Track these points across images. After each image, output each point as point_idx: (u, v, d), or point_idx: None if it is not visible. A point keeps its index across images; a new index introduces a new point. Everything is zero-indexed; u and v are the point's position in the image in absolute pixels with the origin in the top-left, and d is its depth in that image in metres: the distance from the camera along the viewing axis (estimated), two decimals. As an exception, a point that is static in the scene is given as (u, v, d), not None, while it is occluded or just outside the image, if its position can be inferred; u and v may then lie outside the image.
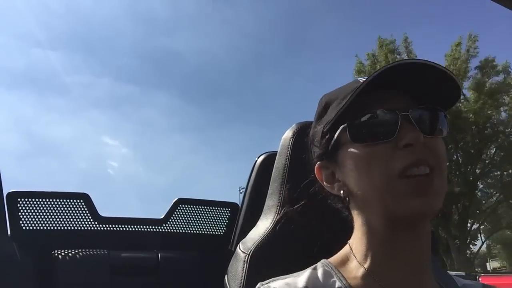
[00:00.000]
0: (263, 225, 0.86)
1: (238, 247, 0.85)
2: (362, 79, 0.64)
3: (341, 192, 0.65)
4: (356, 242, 0.65)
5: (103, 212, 1.55)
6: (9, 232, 1.40)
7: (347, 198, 0.65)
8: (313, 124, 0.72)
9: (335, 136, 0.64)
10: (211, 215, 1.71)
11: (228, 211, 1.71)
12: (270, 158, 1.07)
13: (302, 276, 0.63)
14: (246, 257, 0.80)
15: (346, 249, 0.67)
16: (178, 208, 1.66)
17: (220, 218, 1.71)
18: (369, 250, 0.63)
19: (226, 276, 0.85)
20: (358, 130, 0.62)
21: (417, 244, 0.62)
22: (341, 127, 0.63)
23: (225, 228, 1.70)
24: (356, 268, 0.63)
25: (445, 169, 0.61)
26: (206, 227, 1.70)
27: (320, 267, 0.65)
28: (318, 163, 0.69)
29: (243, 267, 0.80)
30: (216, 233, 1.70)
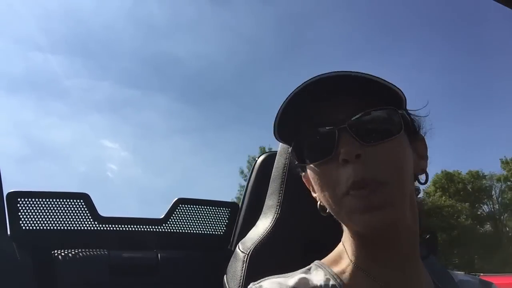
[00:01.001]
0: (263, 225, 0.86)
1: (237, 247, 0.85)
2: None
3: (319, 202, 0.66)
4: (346, 242, 0.66)
5: (103, 214, 1.55)
6: (9, 232, 1.40)
7: (323, 210, 0.65)
8: None
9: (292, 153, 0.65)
10: (211, 215, 1.71)
11: (228, 211, 1.71)
12: (270, 158, 1.07)
13: (294, 277, 0.63)
14: (246, 257, 0.81)
15: (339, 247, 0.68)
16: (178, 208, 1.66)
17: (220, 218, 1.71)
18: (357, 250, 0.64)
19: (225, 276, 0.85)
20: (301, 151, 0.62)
21: (396, 249, 0.62)
22: (289, 150, 0.65)
23: (224, 228, 1.70)
24: (348, 265, 0.64)
25: (399, 177, 0.58)
26: (206, 227, 1.70)
27: (313, 267, 0.66)
28: (302, 174, 0.70)
29: (242, 267, 0.80)
30: (216, 233, 1.70)
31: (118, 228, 1.58)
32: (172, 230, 1.65)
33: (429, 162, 0.67)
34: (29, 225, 1.44)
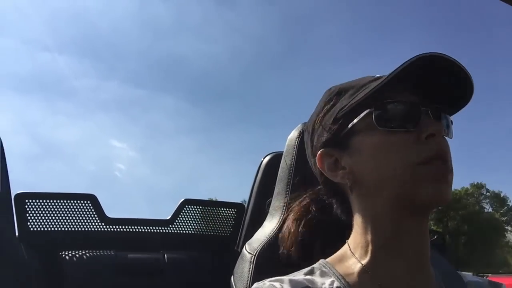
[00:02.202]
0: (269, 226, 0.86)
1: (244, 248, 0.85)
2: (378, 76, 0.65)
3: (347, 180, 0.64)
4: (356, 239, 0.64)
5: (110, 213, 1.56)
6: (17, 233, 1.41)
7: (350, 188, 0.64)
8: (318, 111, 0.70)
9: (355, 121, 0.63)
10: (217, 216, 1.71)
11: (234, 212, 1.71)
12: (276, 158, 1.07)
13: (297, 276, 0.63)
14: (252, 258, 0.80)
15: (344, 248, 0.66)
16: (185, 209, 1.67)
17: (226, 219, 1.72)
18: (370, 245, 0.62)
19: (232, 277, 0.85)
20: (383, 116, 0.62)
21: (419, 238, 0.61)
22: (365, 112, 0.62)
23: (231, 229, 1.70)
24: (354, 265, 0.63)
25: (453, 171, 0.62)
26: (212, 228, 1.70)
27: (317, 267, 0.65)
28: (321, 150, 0.67)
29: (249, 268, 0.79)
30: (222, 233, 1.70)
31: (124, 229, 1.59)
32: (178, 231, 1.65)
33: None
34: (37, 226, 1.45)
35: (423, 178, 0.58)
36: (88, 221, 1.52)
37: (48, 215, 1.46)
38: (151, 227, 1.62)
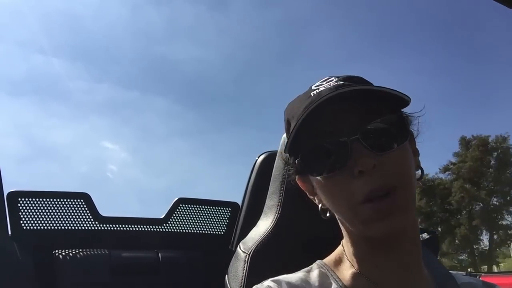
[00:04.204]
0: (264, 225, 0.86)
1: (238, 247, 0.85)
2: (314, 88, 0.62)
3: (320, 206, 0.66)
4: (346, 245, 0.66)
5: (103, 214, 1.55)
6: (9, 232, 1.40)
7: (326, 213, 0.66)
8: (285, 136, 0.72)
9: (296, 165, 0.64)
10: (212, 214, 1.70)
11: (228, 211, 1.71)
12: (270, 157, 1.07)
13: (297, 276, 0.63)
14: (247, 256, 0.80)
15: (339, 249, 0.68)
16: (179, 207, 1.66)
17: (221, 218, 1.71)
18: (358, 253, 0.64)
19: (226, 275, 0.85)
20: (310, 163, 0.61)
21: (400, 255, 0.62)
22: (296, 161, 0.63)
23: (225, 228, 1.70)
24: (349, 269, 0.64)
25: (409, 181, 0.59)
26: (207, 227, 1.70)
27: (315, 268, 0.66)
28: (297, 176, 0.68)
29: (244, 266, 0.79)
30: (217, 232, 1.70)
31: (118, 228, 1.58)
32: (172, 230, 1.65)
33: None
34: (30, 225, 1.44)
35: (367, 219, 0.57)
36: (82, 219, 1.51)
37: (41, 213, 1.45)
38: (145, 226, 1.62)
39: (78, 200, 1.50)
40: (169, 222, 1.64)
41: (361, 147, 0.56)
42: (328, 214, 0.65)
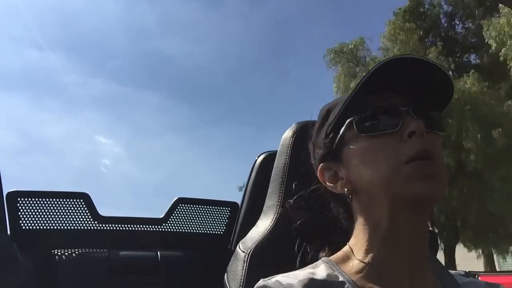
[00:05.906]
0: (263, 225, 0.87)
1: (238, 247, 0.85)
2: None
3: (345, 189, 0.67)
4: (356, 241, 0.66)
5: (98, 207, 1.55)
6: (9, 232, 1.40)
7: (350, 196, 0.66)
8: (315, 131, 0.74)
9: (340, 132, 0.66)
10: (211, 214, 1.71)
11: (228, 211, 1.71)
12: (270, 157, 1.07)
13: (304, 272, 0.64)
14: (246, 256, 0.81)
15: (345, 249, 0.68)
16: (178, 207, 1.67)
17: (220, 218, 1.72)
18: (371, 246, 0.64)
19: (225, 275, 0.85)
20: (364, 122, 0.64)
21: (418, 236, 0.63)
22: (347, 122, 0.65)
23: (225, 228, 1.70)
24: (356, 264, 0.64)
25: (443, 164, 0.63)
26: (206, 227, 1.70)
27: (321, 264, 0.66)
28: (321, 165, 0.70)
29: (243, 266, 0.80)
30: (216, 232, 1.70)
31: (118, 228, 1.58)
32: (172, 230, 1.65)
33: None
34: (29, 224, 1.44)
35: (409, 177, 0.59)
36: (81, 219, 1.51)
37: (41, 213, 1.45)
38: (144, 226, 1.62)
39: (78, 200, 1.50)
40: (168, 222, 1.65)
41: (412, 117, 0.61)
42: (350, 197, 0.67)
